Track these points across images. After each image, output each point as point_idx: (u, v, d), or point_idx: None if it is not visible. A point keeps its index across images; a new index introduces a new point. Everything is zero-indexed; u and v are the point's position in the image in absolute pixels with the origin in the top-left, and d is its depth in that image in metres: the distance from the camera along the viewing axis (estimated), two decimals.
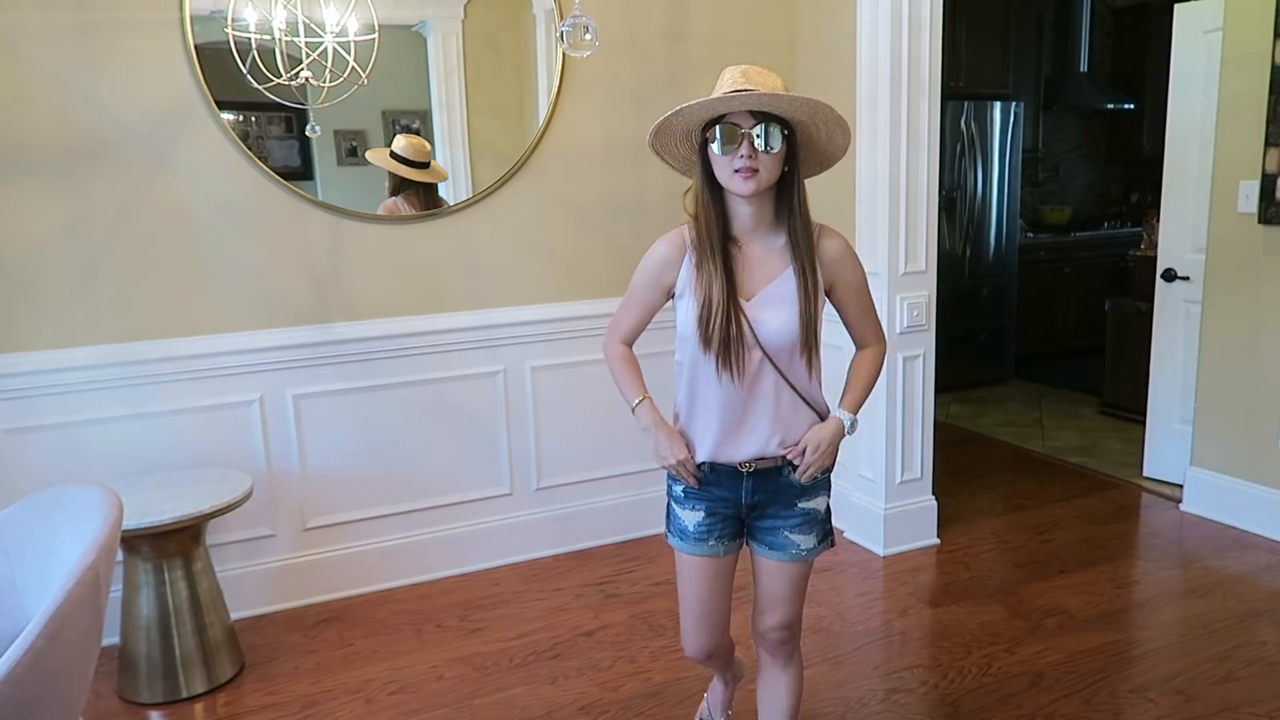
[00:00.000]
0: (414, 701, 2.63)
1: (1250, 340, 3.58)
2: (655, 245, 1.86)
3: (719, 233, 1.77)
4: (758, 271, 1.79)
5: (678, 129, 1.78)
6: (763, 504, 1.89)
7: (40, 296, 2.78)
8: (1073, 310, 6.58)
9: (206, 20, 2.81)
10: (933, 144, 3.30)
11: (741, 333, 1.76)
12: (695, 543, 1.90)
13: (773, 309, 1.78)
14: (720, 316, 1.74)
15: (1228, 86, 3.58)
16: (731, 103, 1.68)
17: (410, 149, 3.10)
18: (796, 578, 1.93)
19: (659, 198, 3.44)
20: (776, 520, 1.89)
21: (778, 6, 3.62)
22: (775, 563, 1.91)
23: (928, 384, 3.47)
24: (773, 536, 1.90)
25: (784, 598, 1.93)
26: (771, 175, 1.72)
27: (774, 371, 1.81)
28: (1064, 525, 3.76)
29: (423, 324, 3.23)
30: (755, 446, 1.84)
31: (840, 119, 1.73)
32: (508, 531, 3.48)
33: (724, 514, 1.90)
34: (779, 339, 1.78)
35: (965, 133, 5.74)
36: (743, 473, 1.86)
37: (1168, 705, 2.52)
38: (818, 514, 1.91)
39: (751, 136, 1.68)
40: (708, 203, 1.77)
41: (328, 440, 3.18)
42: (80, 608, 1.56)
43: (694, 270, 1.80)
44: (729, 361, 1.77)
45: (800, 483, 1.87)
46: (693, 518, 1.90)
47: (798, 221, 1.76)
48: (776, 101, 1.67)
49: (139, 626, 2.63)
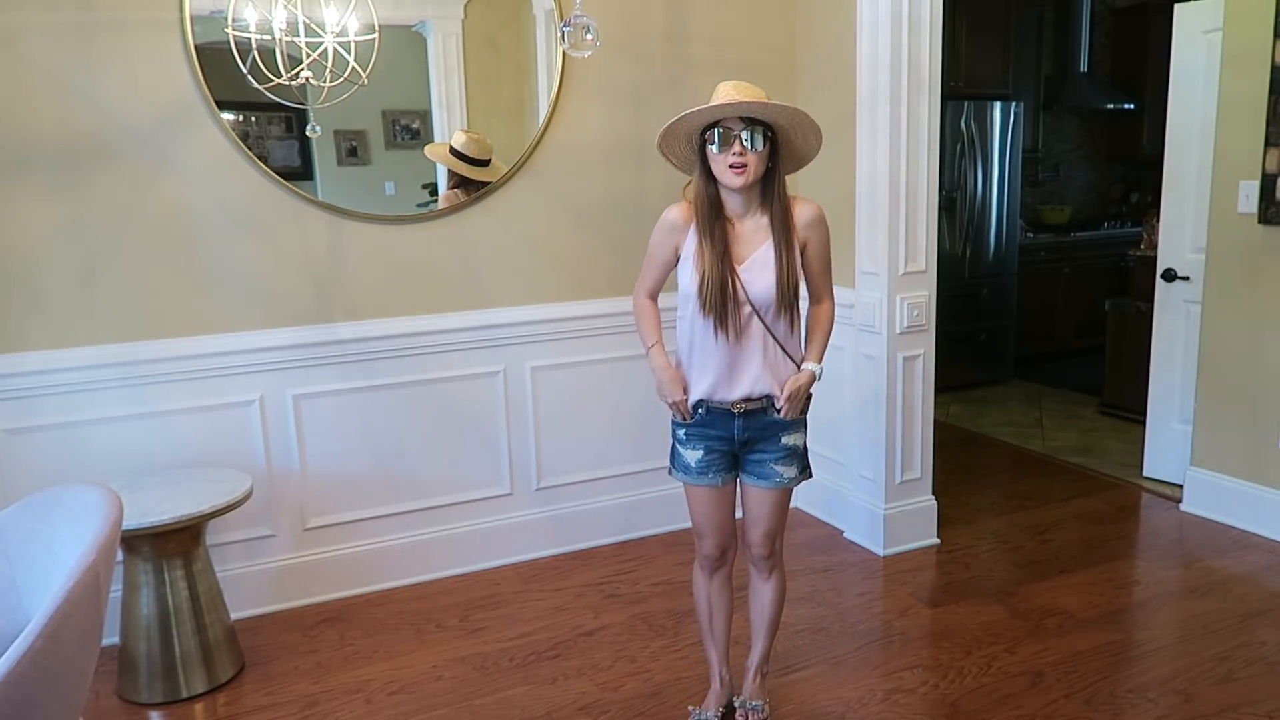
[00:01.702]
0: (414, 701, 2.63)
1: (1250, 340, 3.58)
2: (666, 211, 2.25)
3: (714, 214, 2.18)
4: (748, 241, 2.20)
5: (680, 132, 2.17)
6: (752, 440, 2.28)
7: (40, 296, 2.78)
8: (1073, 310, 6.58)
9: (206, 20, 2.81)
10: (933, 144, 3.30)
11: (736, 291, 2.16)
12: (698, 475, 2.31)
13: (758, 272, 2.18)
14: (717, 284, 2.14)
15: (1228, 86, 3.58)
16: (727, 110, 2.09)
17: (472, 146, 3.09)
18: (779, 500, 2.34)
19: (659, 197, 3.43)
20: (764, 454, 2.29)
21: (778, 6, 3.62)
22: (762, 490, 2.32)
23: (928, 384, 3.47)
24: (760, 468, 2.30)
25: (767, 515, 2.34)
26: (757, 171, 2.13)
27: (760, 325, 2.21)
28: (1064, 525, 3.76)
29: (423, 324, 3.23)
30: (745, 388, 2.23)
31: (814, 124, 2.14)
32: (508, 531, 3.48)
33: (720, 450, 2.29)
34: (764, 296, 2.18)
35: (965, 133, 5.74)
36: (734, 413, 2.24)
37: (1168, 705, 2.52)
38: (798, 448, 2.31)
39: (742, 138, 2.09)
40: (706, 192, 2.18)
41: (328, 440, 3.17)
42: (80, 608, 1.55)
43: (696, 242, 2.19)
44: (725, 320, 2.17)
45: (783, 419, 2.26)
46: (694, 455, 2.30)
47: (777, 207, 2.18)
48: (762, 109, 2.09)
49: (139, 626, 2.63)
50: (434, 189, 3.25)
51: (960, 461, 4.56)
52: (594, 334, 3.47)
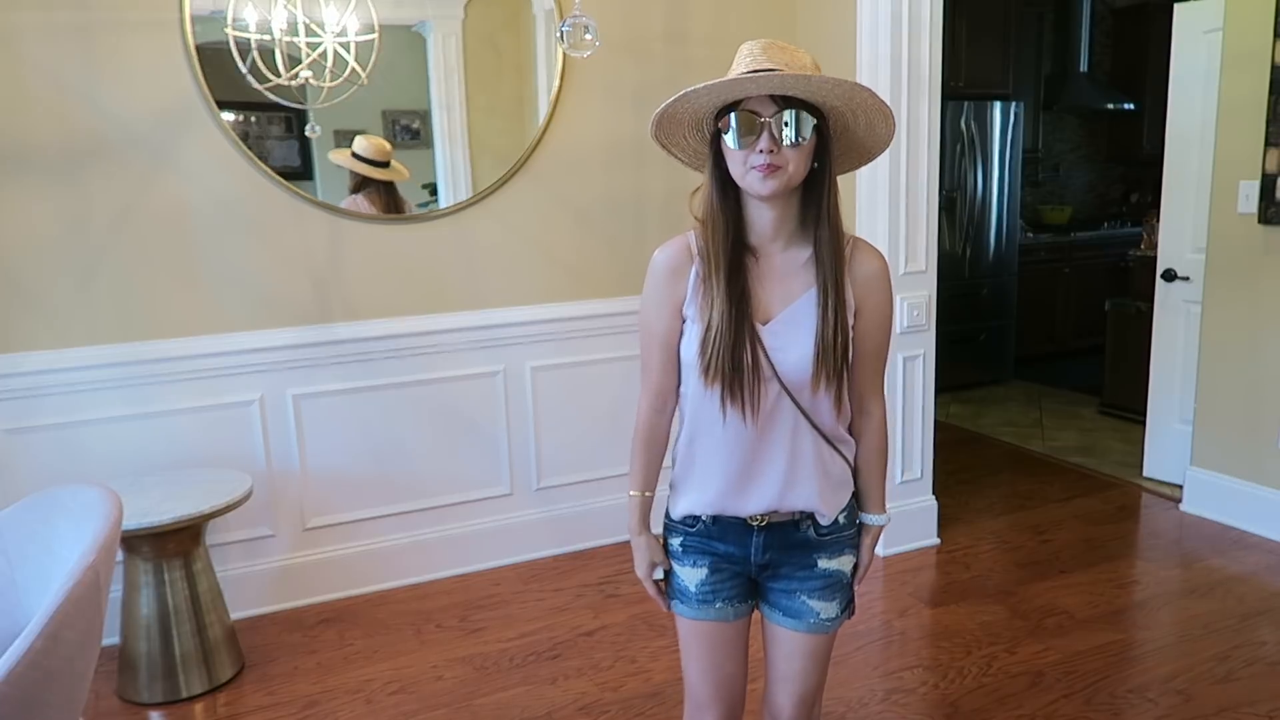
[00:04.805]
0: (414, 701, 2.63)
1: (1250, 340, 3.58)
2: (654, 257, 1.55)
3: (731, 241, 1.46)
4: (777, 288, 1.49)
5: (685, 117, 1.48)
6: (776, 563, 1.59)
7: (40, 296, 2.78)
8: (1073, 310, 6.58)
9: (206, 20, 2.81)
10: (933, 144, 3.30)
11: (757, 362, 1.46)
12: (699, 605, 1.60)
13: (793, 335, 1.47)
14: (726, 340, 1.44)
15: (1228, 86, 3.58)
16: (748, 85, 1.37)
17: (371, 148, 3.11)
18: (816, 651, 1.63)
19: (659, 198, 3.44)
20: (792, 582, 1.60)
21: (778, 7, 3.62)
22: (791, 633, 1.61)
23: (928, 384, 3.47)
24: (788, 600, 1.60)
25: (801, 673, 1.64)
26: (796, 174, 1.42)
27: (794, 409, 1.50)
28: (1064, 525, 3.76)
29: (423, 324, 3.23)
30: (767, 499, 1.53)
31: (882, 105, 1.43)
32: (508, 531, 3.48)
33: (730, 570, 1.60)
34: (801, 371, 1.47)
35: (965, 133, 5.74)
36: (752, 526, 1.57)
37: (1168, 705, 2.52)
38: (843, 577, 1.61)
39: (772, 126, 1.38)
40: (719, 206, 1.47)
41: (328, 440, 3.17)
42: (80, 608, 1.55)
43: (700, 285, 1.49)
44: (739, 395, 1.46)
45: (819, 537, 1.58)
46: (694, 576, 1.61)
47: (825, 231, 1.46)
48: (804, 84, 1.36)
49: (139, 626, 2.63)
50: (434, 189, 3.25)
51: (960, 461, 4.56)
52: (594, 334, 3.47)
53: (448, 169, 3.24)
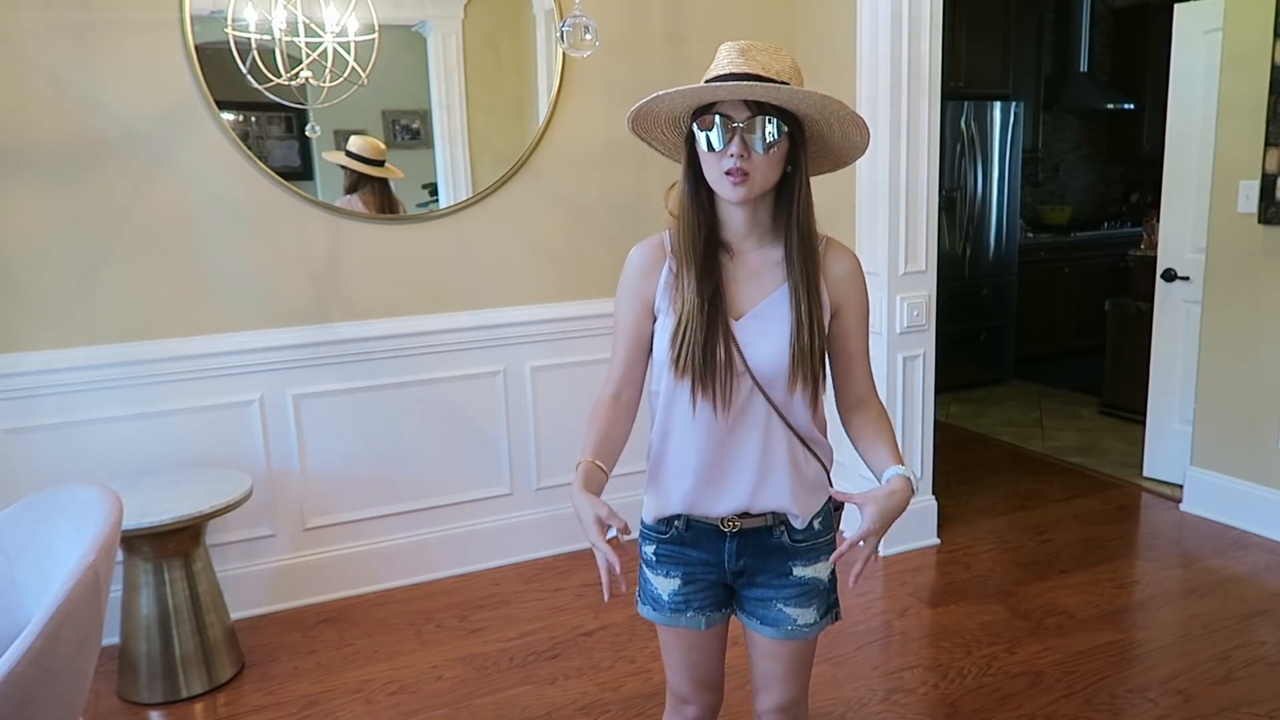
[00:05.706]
0: (414, 701, 2.63)
1: (1250, 340, 3.58)
2: (629, 255, 1.58)
3: (704, 238, 1.49)
4: (750, 285, 1.50)
5: (662, 115, 1.53)
6: (750, 570, 1.58)
7: (40, 296, 2.78)
8: (1073, 310, 6.58)
9: (206, 20, 2.81)
10: (933, 144, 3.30)
11: (730, 357, 1.47)
12: (671, 614, 1.61)
13: (765, 329, 1.48)
14: (698, 335, 1.45)
15: (1228, 86, 3.58)
16: (719, 92, 1.39)
17: (366, 147, 3.12)
18: (795, 656, 1.63)
19: (659, 197, 3.42)
20: (768, 590, 1.58)
21: (778, 7, 3.62)
22: (769, 640, 1.61)
23: (928, 384, 3.47)
24: (764, 609, 1.59)
25: (781, 676, 1.64)
26: (766, 180, 1.44)
27: (767, 405, 1.50)
28: (1064, 525, 3.76)
29: (423, 324, 3.23)
30: (738, 497, 1.53)
31: (855, 115, 1.46)
32: (508, 531, 3.48)
33: (704, 580, 1.60)
34: (771, 363, 1.48)
35: (965, 133, 5.74)
36: (725, 532, 1.56)
37: (1168, 705, 2.52)
38: (819, 584, 1.60)
39: (743, 132, 1.40)
40: (692, 203, 1.49)
41: (328, 440, 3.17)
42: (80, 608, 1.55)
43: (673, 280, 1.51)
44: (710, 388, 1.46)
45: (794, 543, 1.56)
46: (667, 585, 1.60)
47: (795, 234, 1.47)
48: (775, 94, 1.38)
49: (139, 626, 2.63)
50: (434, 189, 3.25)
51: (960, 461, 4.56)
52: (594, 334, 3.46)
53: (448, 169, 3.24)
